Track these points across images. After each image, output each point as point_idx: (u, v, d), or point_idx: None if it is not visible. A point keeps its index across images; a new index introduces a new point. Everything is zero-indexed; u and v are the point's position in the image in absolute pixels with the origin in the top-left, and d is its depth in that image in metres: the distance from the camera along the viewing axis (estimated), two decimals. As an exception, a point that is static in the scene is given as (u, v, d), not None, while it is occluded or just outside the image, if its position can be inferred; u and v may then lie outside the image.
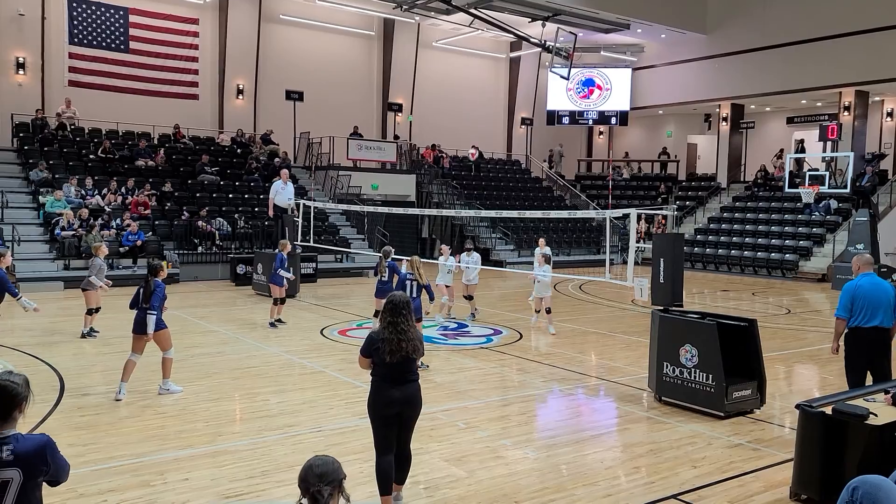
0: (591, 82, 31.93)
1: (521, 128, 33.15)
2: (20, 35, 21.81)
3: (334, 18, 27.38)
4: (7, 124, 21.42)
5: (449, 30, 28.89)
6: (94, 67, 23.15)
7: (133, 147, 22.22)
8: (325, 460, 2.84)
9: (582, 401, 8.42)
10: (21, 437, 2.84)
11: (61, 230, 17.46)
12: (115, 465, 5.77)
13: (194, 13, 24.95)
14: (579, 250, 27.51)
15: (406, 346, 4.84)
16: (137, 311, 7.99)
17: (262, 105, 26.30)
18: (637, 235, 9.69)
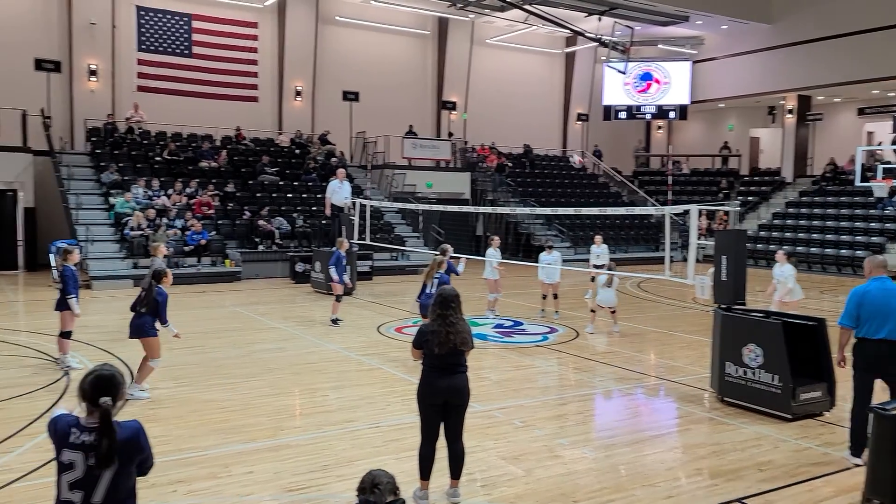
0: (649, 76, 31.34)
1: (576, 124, 32.80)
2: (92, 43, 22.71)
3: (389, 19, 27.61)
4: (81, 129, 22.36)
5: (503, 27, 28.78)
6: (161, 73, 23.95)
7: (197, 149, 22.89)
8: (384, 471, 3.13)
9: (641, 401, 8.29)
10: (120, 424, 3.00)
11: (130, 230, 18.13)
12: (184, 456, 5.97)
13: (254, 17, 25.52)
14: (637, 247, 27.06)
15: (454, 339, 4.98)
16: (135, 315, 7.85)
17: (319, 106, 26.73)
18: (698, 232, 9.46)
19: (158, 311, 7.75)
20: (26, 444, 6.22)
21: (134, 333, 7.84)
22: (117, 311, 13.18)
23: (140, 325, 7.77)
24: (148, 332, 7.76)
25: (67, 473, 2.93)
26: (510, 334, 12.03)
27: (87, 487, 2.91)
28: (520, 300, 15.91)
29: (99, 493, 2.91)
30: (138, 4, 23.47)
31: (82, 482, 2.91)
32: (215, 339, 11.12)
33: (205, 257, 18.71)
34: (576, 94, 32.69)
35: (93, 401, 2.96)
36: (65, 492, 2.94)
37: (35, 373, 8.83)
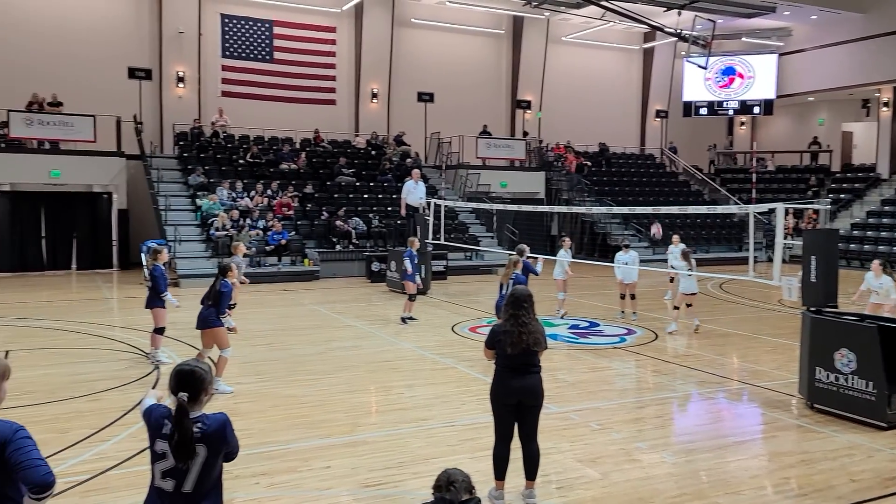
0: (732, 70, 30.28)
1: (654, 121, 32.04)
2: (180, 51, 23.75)
3: (464, 19, 27.70)
4: (170, 134, 23.40)
5: (579, 24, 28.40)
6: (243, 78, 24.80)
7: (277, 151, 23.59)
8: (459, 470, 3.15)
9: (723, 405, 8.03)
10: (208, 417, 3.12)
11: (215, 230, 18.84)
12: (265, 450, 6.16)
13: (332, 22, 26.09)
14: (719, 247, 26.21)
15: (527, 339, 4.96)
16: (203, 307, 8.18)
17: (394, 107, 27.08)
18: (785, 231, 9.09)
19: (220, 303, 8.06)
20: (121, 433, 6.56)
21: (200, 324, 8.18)
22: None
23: (206, 316, 8.11)
24: (212, 322, 8.07)
25: (160, 462, 3.06)
26: (586, 335, 11.86)
27: (178, 476, 3.03)
28: (596, 301, 15.68)
29: (189, 483, 3.03)
30: (223, 12, 24.39)
31: (174, 471, 3.03)
32: (295, 337, 11.43)
33: (285, 257, 19.26)
34: (654, 90, 31.93)
35: (174, 393, 3.09)
36: (158, 480, 3.07)
37: (129, 366, 9.30)
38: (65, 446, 6.17)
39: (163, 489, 3.06)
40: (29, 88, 20.77)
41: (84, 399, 7.74)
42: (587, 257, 23.60)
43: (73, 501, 5.12)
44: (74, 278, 19.71)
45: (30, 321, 12.54)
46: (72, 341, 10.89)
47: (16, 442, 2.76)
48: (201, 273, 17.66)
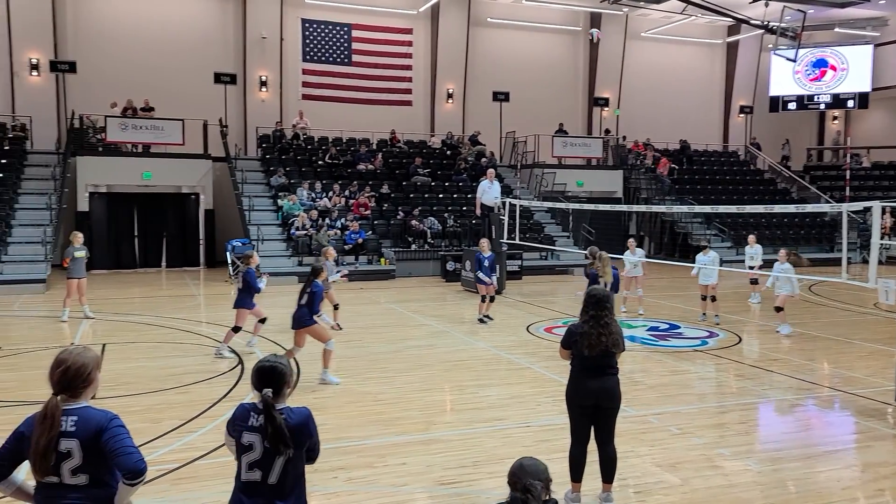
0: (824, 63, 28.90)
1: (738, 117, 30.94)
2: (263, 56, 24.55)
3: (540, 17, 27.49)
4: (253, 136, 24.22)
5: (659, 18, 27.74)
6: (323, 81, 25.41)
7: (355, 152, 24.04)
8: (534, 461, 2.98)
9: (813, 412, 7.68)
10: (292, 410, 3.22)
11: (296, 230, 19.36)
12: (343, 445, 6.29)
13: (408, 23, 26.38)
14: (808, 248, 25.03)
15: (606, 340, 4.89)
16: (297, 308, 8.41)
17: (470, 107, 27.15)
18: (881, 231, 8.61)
19: (313, 303, 8.33)
20: (208, 424, 6.83)
21: (295, 324, 8.47)
22: (284, 305, 14.09)
23: (299, 316, 8.40)
24: (306, 322, 8.36)
25: (247, 454, 3.15)
26: (665, 337, 11.57)
27: (264, 468, 3.12)
28: (676, 302, 15.27)
29: (275, 474, 3.12)
30: (303, 17, 25.04)
31: (260, 462, 3.13)
32: (371, 335, 11.62)
33: (361, 256, 19.60)
34: (738, 85, 30.84)
35: (258, 390, 3.19)
36: (245, 472, 3.17)
37: (214, 360, 9.67)
38: (157, 435, 6.48)
39: (251, 480, 3.15)
40: (123, 95, 21.90)
41: (174, 391, 8.11)
42: (667, 258, 23.02)
43: (164, 488, 5.37)
44: (164, 276, 20.66)
45: (125, 316, 13.23)
46: (162, 336, 11.42)
47: (111, 430, 2.90)
48: (282, 271, 18.19)
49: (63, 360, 3.00)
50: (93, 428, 2.90)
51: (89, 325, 12.24)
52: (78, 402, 2.97)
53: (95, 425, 2.91)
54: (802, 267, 11.16)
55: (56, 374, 2.97)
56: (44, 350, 10.25)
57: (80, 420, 2.91)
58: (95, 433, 2.89)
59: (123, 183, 21.30)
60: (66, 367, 2.97)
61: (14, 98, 22.27)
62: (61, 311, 12.55)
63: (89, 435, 2.89)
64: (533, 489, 2.85)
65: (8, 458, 2.96)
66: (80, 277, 12.55)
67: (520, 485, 2.93)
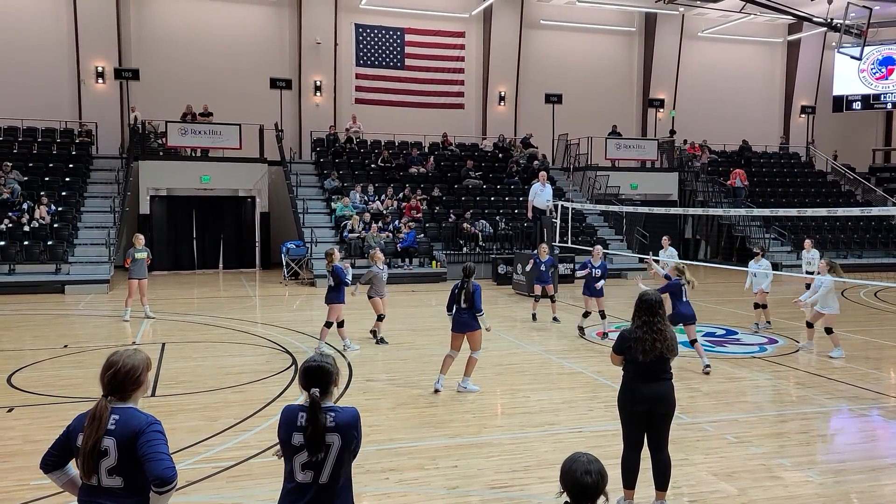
0: (891, 60, 27.81)
1: (800, 117, 30.02)
2: (317, 61, 24.96)
3: (594, 18, 27.22)
4: (307, 140, 24.64)
5: (716, 18, 27.15)
6: (376, 85, 25.69)
7: (407, 156, 24.21)
8: (589, 457, 2.80)
9: (878, 423, 7.39)
10: (339, 408, 3.25)
11: (348, 232, 19.61)
12: (395, 446, 6.33)
13: (461, 27, 26.45)
14: (874, 252, 24.14)
15: (660, 346, 4.83)
16: (457, 312, 8.28)
17: (522, 110, 27.04)
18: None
19: (475, 302, 8.16)
20: (262, 423, 6.97)
21: (461, 328, 8.29)
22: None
23: (467, 321, 8.21)
24: (473, 326, 8.23)
25: (298, 455, 3.17)
26: (722, 343, 11.30)
27: (315, 468, 3.15)
28: (733, 307, 14.90)
29: (326, 473, 3.15)
30: (356, 22, 25.37)
31: (312, 463, 3.15)
32: (423, 337, 11.67)
33: (413, 258, 19.72)
34: (800, 84, 29.94)
35: (306, 389, 3.22)
36: (297, 472, 3.18)
37: (269, 360, 9.87)
38: (213, 433, 6.64)
39: (301, 482, 3.16)
40: (183, 100, 22.56)
41: (230, 390, 8.30)
42: (724, 261, 22.46)
43: (220, 485, 5.50)
44: (221, 277, 21.17)
45: (183, 316, 13.61)
46: (219, 335, 11.70)
47: (147, 434, 2.91)
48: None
49: (114, 362, 3.04)
50: (131, 429, 2.92)
51: (150, 325, 12.64)
52: (126, 404, 3.01)
53: (135, 427, 2.92)
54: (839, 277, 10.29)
55: (106, 376, 3.02)
56: (107, 348, 10.62)
57: (120, 419, 2.94)
58: (133, 435, 2.90)
59: (183, 186, 21.92)
60: (117, 370, 3.01)
61: (81, 105, 23.18)
62: (123, 310, 13.00)
63: (127, 436, 2.90)
64: (594, 497, 2.72)
65: (60, 450, 3.04)
66: (142, 278, 12.98)
67: (576, 476, 2.72)
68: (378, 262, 11.44)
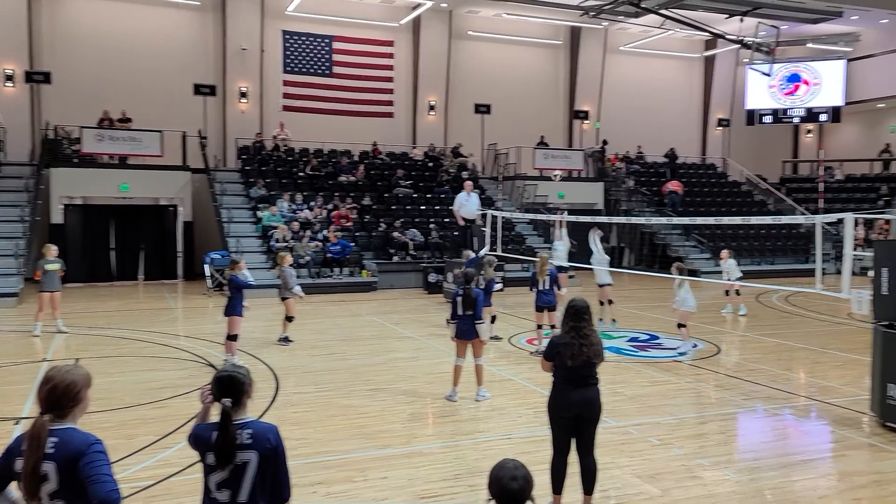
0: (797, 77, 29.36)
1: (716, 129, 31.34)
2: (243, 68, 24.47)
3: (521, 31, 27.71)
4: (232, 148, 24.10)
5: (637, 33, 28.08)
6: (304, 92, 25.38)
7: (336, 164, 24.00)
8: (516, 463, 2.80)
9: (790, 422, 7.75)
10: (256, 423, 3.14)
11: (275, 242, 19.26)
12: (323, 459, 6.23)
13: (390, 36, 26.46)
14: (785, 259, 25.38)
15: (587, 351, 4.94)
16: (460, 320, 8.21)
17: (452, 119, 27.24)
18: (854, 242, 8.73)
19: (476, 308, 8.09)
20: (184, 440, 6.70)
21: (467, 336, 8.21)
22: (264, 318, 14.04)
23: (471, 328, 8.15)
24: (475, 334, 8.18)
25: (215, 474, 3.04)
26: (645, 348, 11.64)
27: (233, 486, 3.01)
28: (656, 313, 15.37)
29: (244, 492, 3.02)
30: (284, 29, 25.02)
31: (229, 481, 3.02)
32: (353, 347, 11.56)
33: (343, 268, 19.52)
34: (716, 98, 31.27)
35: (217, 400, 3.10)
36: (213, 491, 3.05)
37: (192, 374, 9.56)
38: (130, 452, 6.37)
39: (218, 500, 3.04)
40: (100, 105, 21.71)
41: (149, 406, 7.99)
42: (647, 269, 23.16)
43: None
44: (141, 289, 20.42)
45: (100, 330, 13.04)
46: (138, 350, 11.27)
47: (89, 455, 2.76)
48: (263, 284, 18.03)
49: (51, 377, 2.88)
50: (71, 451, 2.76)
51: (63, 340, 12.05)
52: (64, 423, 2.85)
53: (74, 449, 2.77)
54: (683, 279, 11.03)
55: (43, 392, 2.86)
56: (14, 366, 10.08)
57: (60, 442, 2.78)
58: (73, 457, 2.75)
59: (99, 195, 21.06)
60: (54, 385, 2.86)
61: (-11, 109, 21.99)
62: (34, 325, 12.35)
63: (67, 459, 2.75)
64: (513, 483, 2.67)
65: None
66: (53, 291, 12.37)
67: (501, 483, 2.70)
68: (286, 263, 11.76)
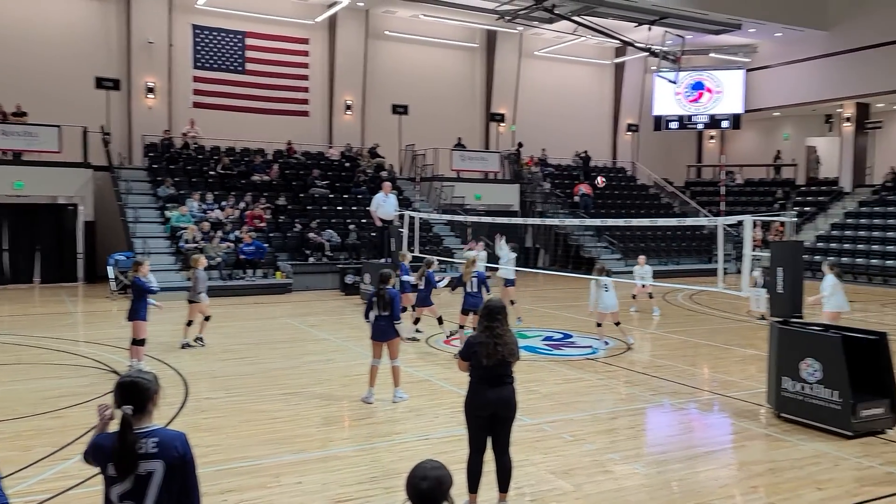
0: (701, 85, 30.80)
1: (626, 134, 32.43)
2: (150, 62, 23.50)
3: (438, 32, 27.83)
4: (139, 145, 23.11)
5: (551, 38, 28.71)
6: (215, 89, 24.62)
7: (250, 163, 23.41)
8: (434, 464, 2.78)
9: (694, 416, 8.10)
10: (163, 431, 3.00)
11: (185, 243, 18.60)
12: (235, 466, 6.06)
13: (305, 33, 26.04)
14: (689, 259, 26.53)
15: (502, 350, 4.99)
16: (376, 319, 8.11)
17: (369, 119, 27.06)
18: (753, 243, 9.21)
19: (394, 309, 7.98)
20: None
21: (382, 337, 8.11)
22: (172, 321, 13.51)
23: (385, 328, 8.04)
24: (392, 334, 8.08)
25: (116, 485, 2.91)
26: (559, 347, 11.90)
27: (137, 498, 2.88)
28: (570, 312, 15.75)
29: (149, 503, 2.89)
30: (194, 23, 24.21)
31: (132, 493, 2.89)
32: (267, 351, 11.30)
33: (257, 269, 19.06)
34: (626, 104, 32.35)
35: (119, 407, 2.97)
36: None
37: (93, 382, 9.10)
38: (27, 464, 6.01)
39: None
40: (-7, 98, 20.40)
41: (47, 416, 7.56)
42: (561, 269, 23.73)
43: (35, 521, 4.98)
44: (38, 292, 19.29)
45: (-8, 336, 12.23)
46: (35, 356, 10.64)
47: None
48: (171, 286, 17.39)
49: None
50: None
51: (-49, 347, 11.24)
52: None
53: None
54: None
55: None
56: None
57: None
58: None
59: (-9, 192, 19.81)
60: None
61: None
62: (-82, 331, 11.47)
63: None
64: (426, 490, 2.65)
65: None
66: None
67: (419, 489, 2.66)
68: (200, 266, 11.49)
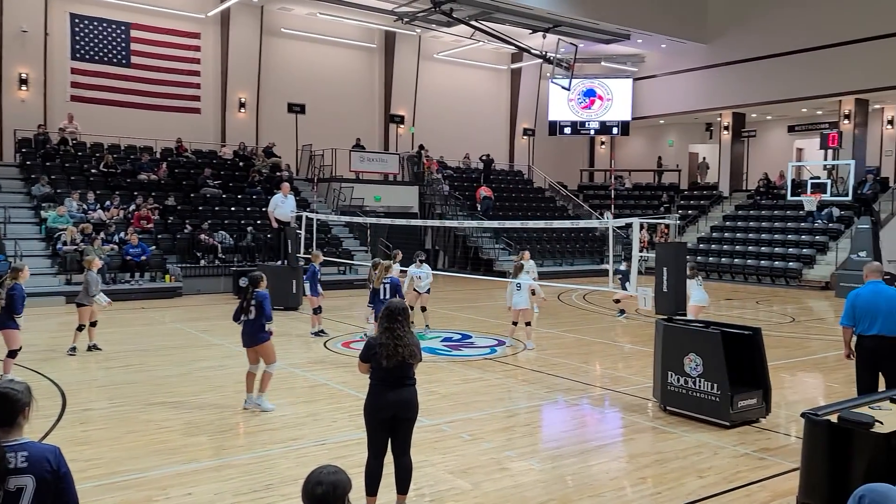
0: (593, 93, 32.03)
1: (522, 138, 33.21)
2: (23, 51, 21.92)
3: (336, 32, 27.52)
4: (10, 140, 21.52)
5: (450, 42, 29.01)
6: (96, 82, 23.28)
7: (136, 161, 22.29)
8: (331, 468, 2.70)
9: (587, 411, 8.38)
10: (34, 445, 2.84)
11: (63, 245, 17.48)
12: (118, 480, 5.74)
13: (196, 28, 25.08)
14: (582, 260, 27.50)
15: (402, 351, 4.97)
16: (244, 325, 7.93)
17: (264, 118, 26.39)
18: (640, 244, 9.65)
19: (265, 312, 7.77)
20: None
21: (248, 342, 7.90)
22: (48, 329, 12.70)
23: (252, 332, 7.84)
24: (262, 338, 7.84)
25: None
26: (458, 347, 12.03)
27: None
28: (468, 313, 15.95)
29: None
30: (72, 12, 22.81)
31: None
32: (155, 357, 10.80)
33: (144, 272, 18.18)
34: (522, 109, 33.12)
35: None
36: None
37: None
38: None
39: None
40: None
41: None
42: (460, 271, 24.01)
43: None
44: None
45: None
46: None
47: None
48: (47, 291, 16.37)
49: None
50: None
51: None
52: None
53: None
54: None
55: None
56: None
57: None
58: None
59: None
60: None
61: None
62: None
63: None
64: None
65: None
66: None
67: (315, 495, 2.59)
68: (94, 268, 11.03)
